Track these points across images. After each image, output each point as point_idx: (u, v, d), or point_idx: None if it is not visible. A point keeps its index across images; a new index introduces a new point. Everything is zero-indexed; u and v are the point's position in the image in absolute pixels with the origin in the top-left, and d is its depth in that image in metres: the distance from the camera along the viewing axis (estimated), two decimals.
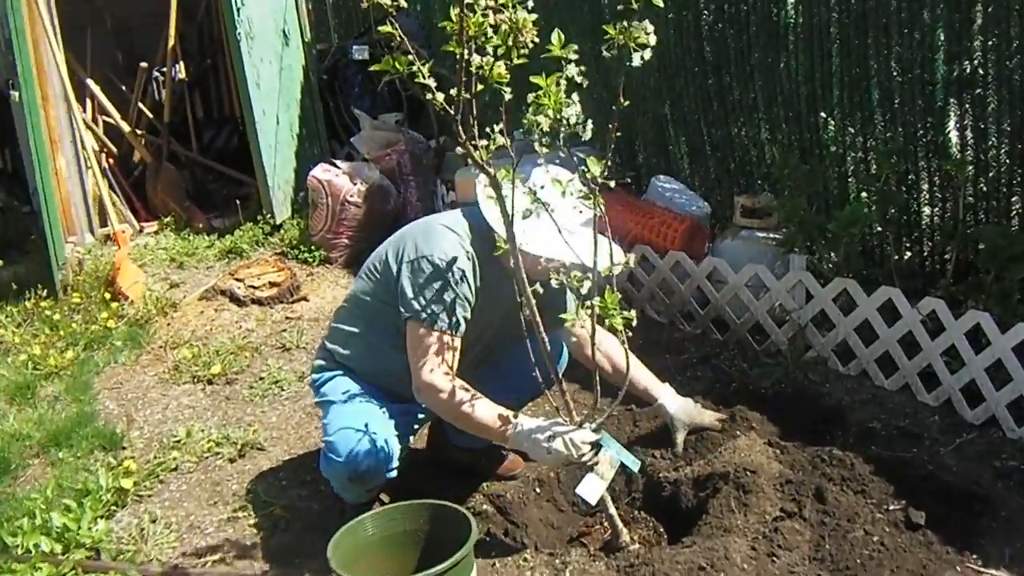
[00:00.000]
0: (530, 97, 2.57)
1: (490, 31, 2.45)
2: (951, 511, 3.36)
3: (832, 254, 4.74)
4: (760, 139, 5.47)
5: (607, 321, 2.85)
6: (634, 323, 2.83)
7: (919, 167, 4.64)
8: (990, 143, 4.29)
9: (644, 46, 2.48)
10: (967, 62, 4.22)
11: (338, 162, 7.27)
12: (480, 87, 2.52)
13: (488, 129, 2.65)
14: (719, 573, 2.95)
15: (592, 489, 3.05)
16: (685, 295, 5.18)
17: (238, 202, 7.73)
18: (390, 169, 7.45)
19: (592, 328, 2.92)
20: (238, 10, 7.25)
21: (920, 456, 3.81)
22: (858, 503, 3.31)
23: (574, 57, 2.52)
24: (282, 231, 7.60)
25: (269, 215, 7.64)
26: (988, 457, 3.78)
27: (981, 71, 4.21)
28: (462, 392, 3.00)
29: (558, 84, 2.55)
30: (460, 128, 2.58)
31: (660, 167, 6.20)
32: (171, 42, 8.26)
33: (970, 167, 4.39)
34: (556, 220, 2.82)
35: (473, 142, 2.62)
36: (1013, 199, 4.28)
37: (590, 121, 2.57)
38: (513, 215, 2.75)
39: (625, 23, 2.45)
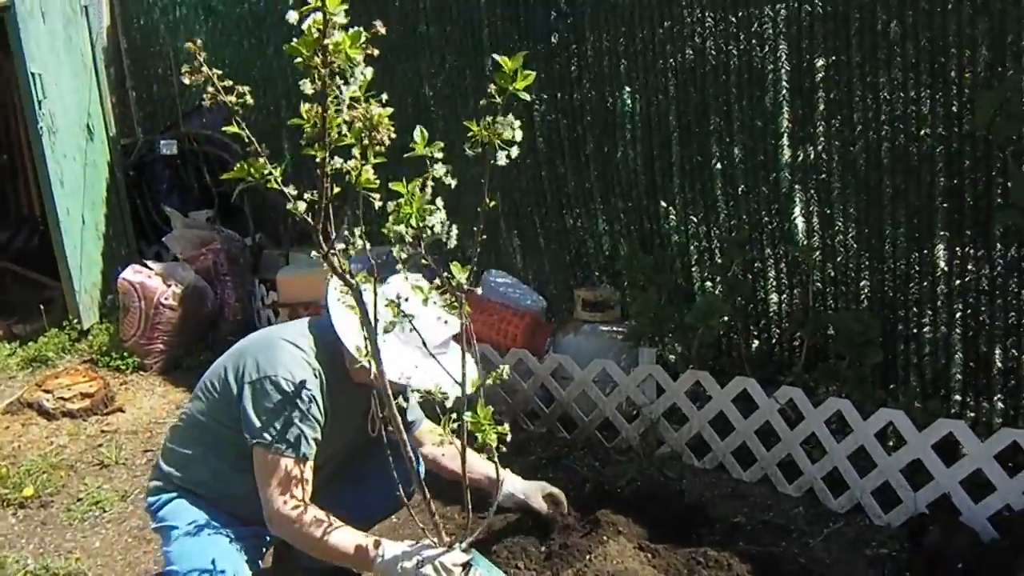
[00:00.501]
0: (390, 205, 2.36)
1: (344, 128, 2.23)
2: None
3: (680, 347, 4.68)
4: (598, 230, 5.42)
5: (480, 437, 2.64)
6: (508, 437, 2.63)
7: (765, 255, 4.69)
8: (836, 228, 4.34)
9: (511, 143, 2.32)
10: (811, 147, 4.27)
11: (150, 263, 6.87)
12: (336, 191, 2.29)
13: (347, 231, 2.43)
14: None
15: None
16: (529, 393, 5.01)
17: (41, 307, 7.15)
18: (205, 269, 7.09)
19: (463, 445, 2.72)
20: (39, 103, 6.80)
21: (791, 550, 3.77)
22: None
23: (439, 156, 2.33)
24: (90, 337, 7.10)
25: (76, 320, 7.14)
26: (858, 546, 3.77)
27: (825, 156, 4.27)
28: (318, 522, 2.75)
29: (422, 188, 2.36)
30: (320, 236, 2.34)
31: (490, 261, 6.06)
32: None
33: (817, 253, 4.43)
34: (420, 334, 2.67)
35: (332, 250, 2.39)
36: (862, 283, 4.35)
37: (454, 227, 2.39)
38: (376, 327, 2.51)
39: (490, 119, 2.28)
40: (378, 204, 2.36)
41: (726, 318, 4.69)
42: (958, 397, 4.23)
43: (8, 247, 8.77)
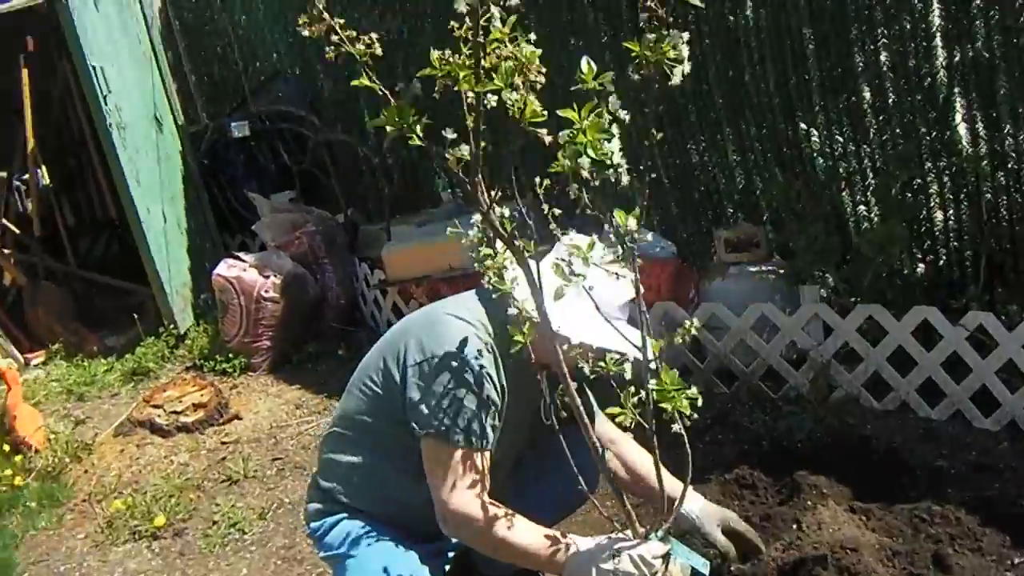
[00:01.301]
0: (563, 135, 2.08)
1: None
2: None
3: (847, 281, 4.41)
4: (728, 163, 5.14)
5: (670, 406, 2.37)
6: (699, 403, 2.36)
7: (926, 169, 4.35)
8: (1005, 131, 4.05)
9: (679, 60, 2.03)
10: (968, 44, 3.95)
11: (243, 255, 6.71)
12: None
13: (532, 188, 2.19)
14: None
15: None
16: (679, 349, 4.78)
17: (135, 315, 7.03)
18: (302, 254, 6.91)
19: (650, 418, 2.41)
20: (104, 98, 6.65)
21: (1008, 492, 3.52)
22: (982, 565, 2.96)
23: (611, 87, 2.05)
24: (188, 341, 7.01)
25: (171, 325, 7.04)
26: None
27: (986, 52, 3.94)
28: (499, 518, 2.52)
29: (598, 115, 2.08)
30: (479, 191, 2.10)
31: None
32: (30, 145, 7.55)
33: (985, 161, 4.13)
34: (593, 297, 2.38)
35: (492, 208, 2.15)
36: None
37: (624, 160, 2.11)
38: (542, 293, 2.27)
39: (652, 37, 2.00)
40: (548, 139, 2.09)
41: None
42: None
43: (88, 257, 8.67)
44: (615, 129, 2.08)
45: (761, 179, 5.09)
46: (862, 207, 4.62)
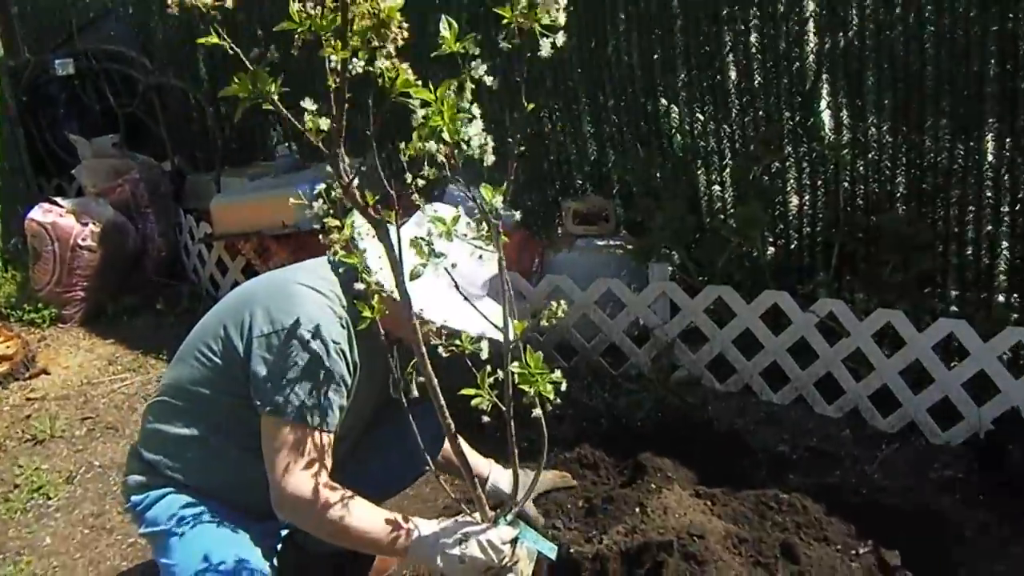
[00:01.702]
0: (416, 117, 1.88)
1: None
2: (914, 542, 3.06)
3: (698, 261, 4.38)
4: (582, 132, 5.03)
5: (532, 389, 2.23)
6: (563, 387, 2.22)
7: (786, 153, 4.33)
8: (870, 121, 4.06)
9: (554, 28, 1.86)
10: (842, 33, 3.94)
11: (60, 200, 6.27)
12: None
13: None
14: None
15: None
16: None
17: None
18: (123, 202, 6.56)
19: (509, 400, 2.26)
20: None
21: (848, 480, 3.55)
22: (828, 554, 2.94)
23: (477, 51, 1.86)
24: None
25: None
26: (921, 469, 3.60)
27: (857, 42, 3.94)
28: (339, 503, 2.34)
29: (459, 91, 1.89)
30: (339, 163, 1.88)
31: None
32: None
33: (846, 149, 4.14)
34: (453, 276, 2.22)
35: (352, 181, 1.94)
36: (897, 180, 4.11)
37: (490, 139, 1.93)
38: (402, 267, 2.08)
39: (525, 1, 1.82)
40: (420, 113, 1.90)
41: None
42: (1001, 298, 4.01)
43: None
44: (476, 109, 1.90)
45: (615, 152, 5.00)
46: (716, 187, 4.58)
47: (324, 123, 1.82)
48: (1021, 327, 3.58)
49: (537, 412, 2.17)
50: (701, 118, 4.57)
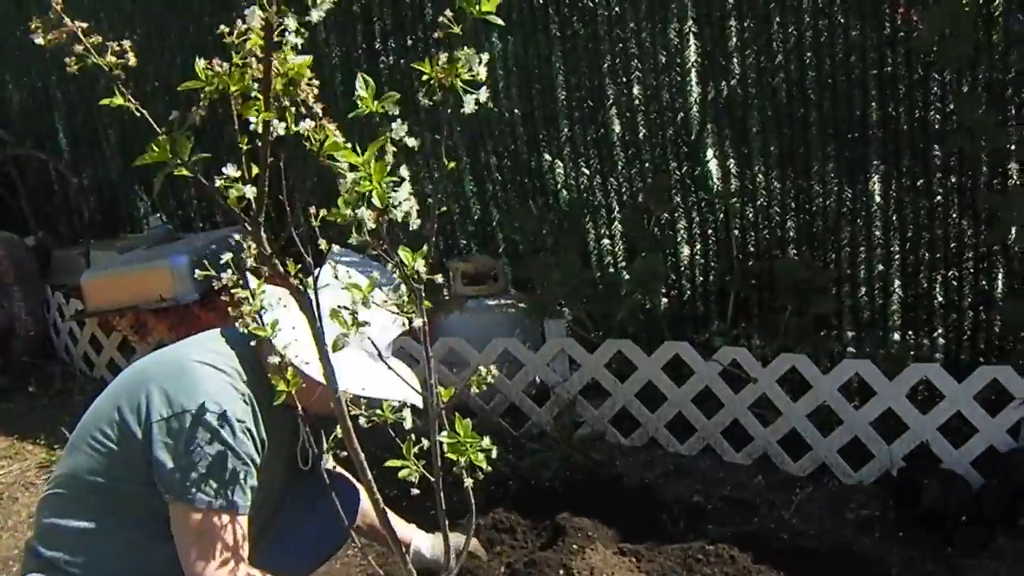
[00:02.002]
0: (349, 177, 1.76)
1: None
2: None
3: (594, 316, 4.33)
4: (464, 192, 4.98)
5: (462, 459, 2.11)
6: (493, 454, 2.11)
7: (674, 203, 4.34)
8: (756, 168, 4.12)
9: (476, 84, 1.78)
10: (724, 81, 3.99)
11: None
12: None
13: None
14: None
15: None
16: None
17: None
18: None
19: (438, 472, 2.13)
20: None
21: (767, 526, 3.52)
22: None
23: (396, 111, 1.75)
24: None
25: None
26: (838, 509, 3.58)
27: (740, 90, 3.99)
28: None
29: (380, 156, 1.78)
30: (260, 234, 1.75)
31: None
32: None
33: (735, 198, 4.17)
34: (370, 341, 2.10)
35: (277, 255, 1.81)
36: (787, 226, 4.15)
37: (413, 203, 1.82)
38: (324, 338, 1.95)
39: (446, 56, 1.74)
40: (350, 178, 1.79)
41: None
42: (896, 336, 4.07)
43: None
44: (404, 171, 1.80)
45: (499, 210, 4.94)
46: (606, 241, 4.55)
47: (250, 191, 1.67)
48: (924, 363, 3.62)
49: (468, 482, 2.06)
50: (587, 172, 4.55)
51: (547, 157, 4.64)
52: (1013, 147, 3.68)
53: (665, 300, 4.52)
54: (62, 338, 6.21)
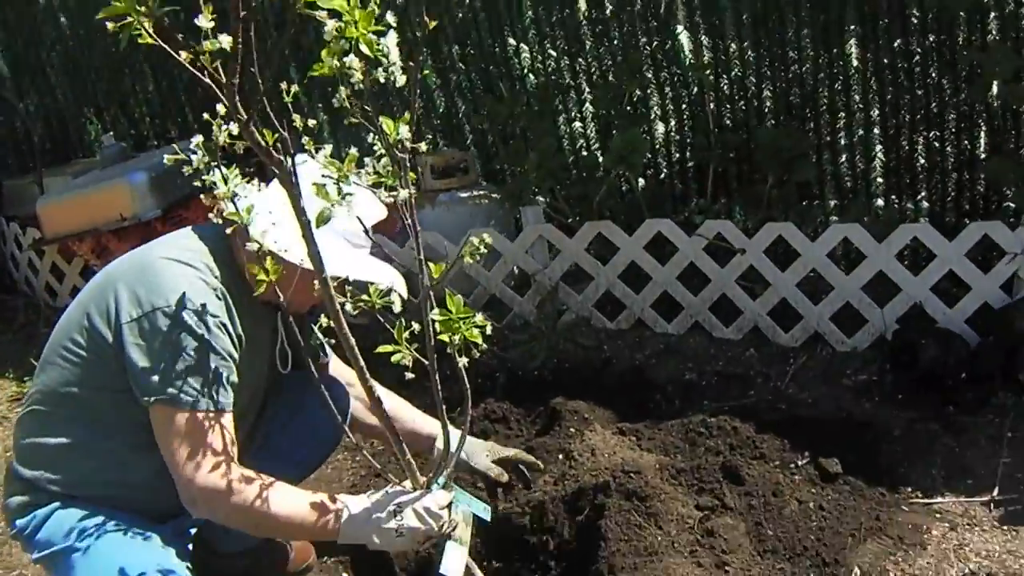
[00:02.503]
0: (331, 24, 1.61)
1: None
2: (846, 449, 2.99)
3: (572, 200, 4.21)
4: (428, 85, 4.79)
5: (456, 338, 1.99)
6: (488, 330, 2.00)
7: (647, 80, 4.21)
8: (729, 38, 3.98)
9: None
10: None
11: None
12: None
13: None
14: None
15: (456, 562, 2.25)
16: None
17: None
18: None
19: (431, 353, 2.01)
20: None
21: (764, 398, 3.47)
22: (769, 471, 2.82)
23: None
24: None
25: None
26: (833, 378, 3.52)
27: None
28: (256, 488, 2.07)
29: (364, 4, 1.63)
30: (233, 99, 1.59)
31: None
32: None
33: (709, 70, 4.03)
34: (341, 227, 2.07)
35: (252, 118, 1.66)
36: (763, 96, 4.04)
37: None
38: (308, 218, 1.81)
39: None
40: (332, 25, 1.63)
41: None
42: (880, 202, 3.99)
43: None
44: (391, 17, 1.64)
45: (464, 101, 4.77)
46: (578, 123, 4.41)
47: (226, 41, 1.51)
48: (913, 223, 3.54)
49: (463, 361, 1.96)
50: (554, 53, 4.38)
51: (511, 42, 4.46)
52: (992, 1, 3.56)
53: (642, 181, 4.39)
54: (22, 270, 6.02)
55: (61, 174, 5.76)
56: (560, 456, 3.04)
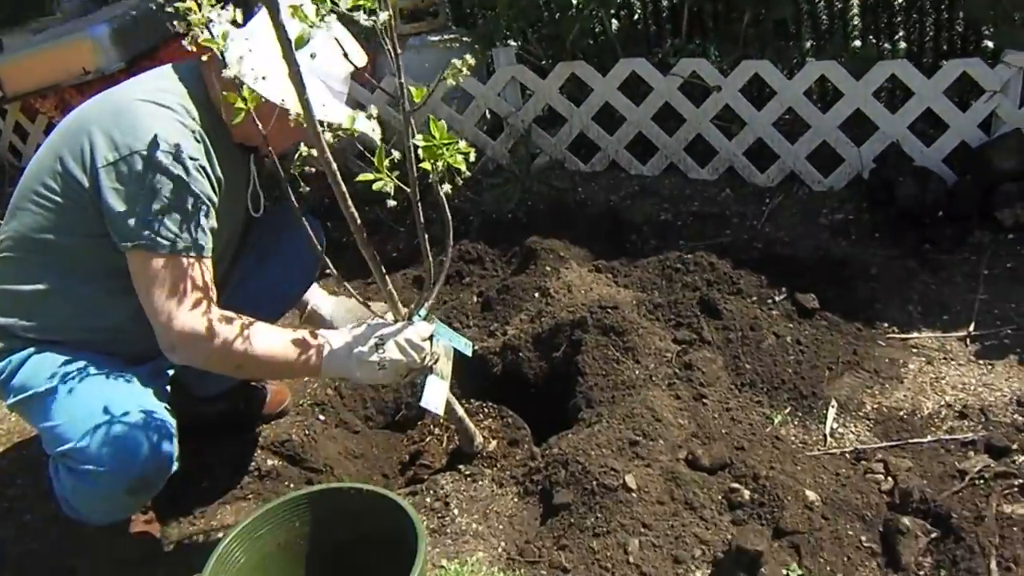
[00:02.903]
0: None
1: None
2: (824, 285, 2.98)
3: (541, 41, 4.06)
4: None
5: (439, 165, 1.90)
6: (471, 157, 1.91)
7: None
8: None
9: None
10: None
11: None
12: None
13: None
14: (656, 440, 2.31)
15: (437, 396, 2.22)
16: (362, 136, 4.26)
17: None
18: None
19: (413, 180, 1.92)
20: None
21: (740, 237, 3.43)
22: (747, 306, 2.81)
23: None
24: None
25: None
26: (809, 217, 3.49)
27: None
28: (235, 329, 2.02)
29: None
30: None
31: None
32: None
33: None
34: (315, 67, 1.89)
35: None
36: None
37: None
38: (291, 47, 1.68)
39: None
40: None
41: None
42: (858, 43, 3.88)
43: None
44: None
45: None
46: None
47: None
48: (891, 60, 3.44)
49: (446, 188, 1.87)
50: None
51: None
52: None
53: (616, 22, 4.24)
54: None
55: (21, 31, 5.50)
56: (536, 294, 3.00)
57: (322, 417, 2.78)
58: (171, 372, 2.36)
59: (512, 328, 2.90)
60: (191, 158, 1.98)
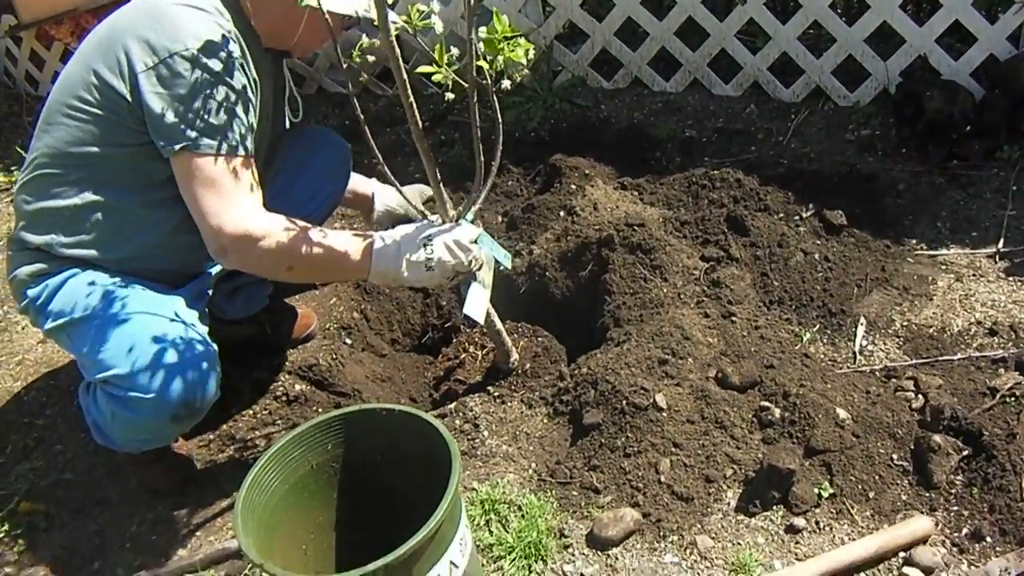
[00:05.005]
0: None
1: None
2: (851, 202, 2.88)
3: None
4: None
5: (501, 58, 1.82)
6: (531, 54, 1.85)
7: None
8: None
9: None
10: None
11: None
12: None
13: None
14: (685, 359, 2.25)
15: (479, 304, 2.16)
16: (380, 52, 4.13)
17: None
18: None
19: (473, 73, 1.85)
20: None
21: (766, 153, 3.33)
22: (774, 222, 2.72)
23: None
24: None
25: None
26: (835, 133, 3.37)
27: None
28: (284, 228, 1.95)
29: None
30: None
31: None
32: None
33: None
34: None
35: None
36: None
37: None
38: None
39: None
40: None
41: None
42: None
43: None
44: None
45: None
46: None
47: None
48: None
49: (505, 84, 1.84)
50: None
51: None
52: None
53: None
54: (0, 61, 5.65)
55: None
56: (562, 212, 2.92)
57: (348, 341, 2.73)
58: (211, 292, 2.30)
59: (538, 247, 2.82)
60: (230, 54, 1.92)
